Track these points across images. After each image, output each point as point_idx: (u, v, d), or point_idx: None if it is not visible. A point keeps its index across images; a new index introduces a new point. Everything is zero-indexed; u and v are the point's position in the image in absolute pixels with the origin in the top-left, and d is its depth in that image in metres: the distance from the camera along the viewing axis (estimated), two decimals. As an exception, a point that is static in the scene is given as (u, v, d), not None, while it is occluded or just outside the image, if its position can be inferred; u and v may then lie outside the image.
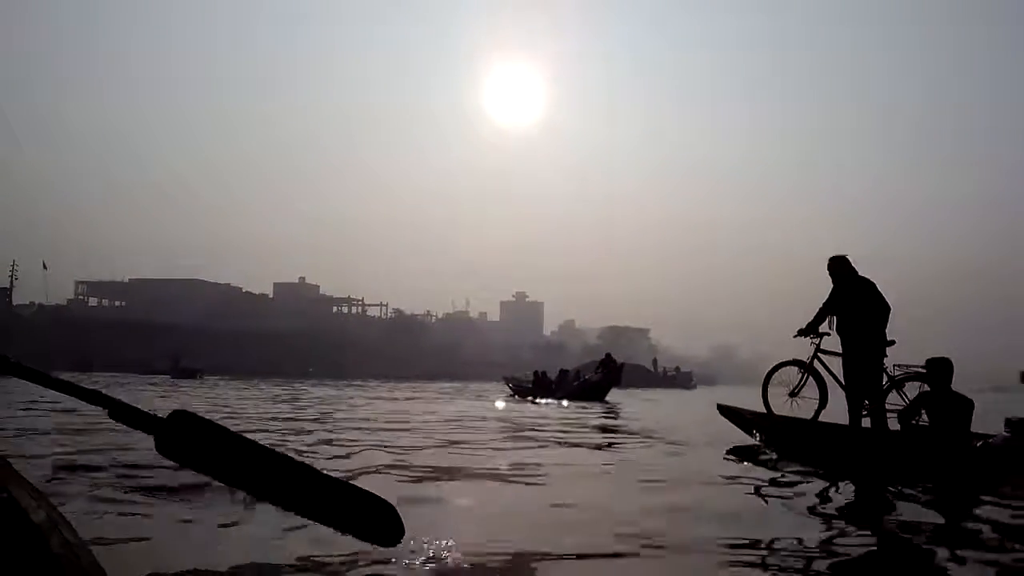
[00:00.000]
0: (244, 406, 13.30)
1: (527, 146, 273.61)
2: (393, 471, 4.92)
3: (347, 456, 5.76)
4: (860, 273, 6.82)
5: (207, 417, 1.55)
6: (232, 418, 9.69)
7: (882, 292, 6.68)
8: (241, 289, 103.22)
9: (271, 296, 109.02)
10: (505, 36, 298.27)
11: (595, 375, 22.90)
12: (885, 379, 6.75)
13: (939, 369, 5.85)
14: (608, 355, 23.32)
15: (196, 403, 13.95)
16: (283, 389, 23.01)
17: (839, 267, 6.89)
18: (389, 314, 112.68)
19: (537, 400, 20.41)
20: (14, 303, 69.30)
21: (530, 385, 24.51)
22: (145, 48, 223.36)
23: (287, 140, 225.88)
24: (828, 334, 7.05)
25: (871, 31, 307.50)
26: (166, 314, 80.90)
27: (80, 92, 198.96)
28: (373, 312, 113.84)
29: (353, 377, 51.02)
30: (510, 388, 25.78)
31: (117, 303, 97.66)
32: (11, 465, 1.27)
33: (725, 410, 7.77)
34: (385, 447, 6.38)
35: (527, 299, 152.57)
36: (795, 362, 7.43)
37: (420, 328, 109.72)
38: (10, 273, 68.65)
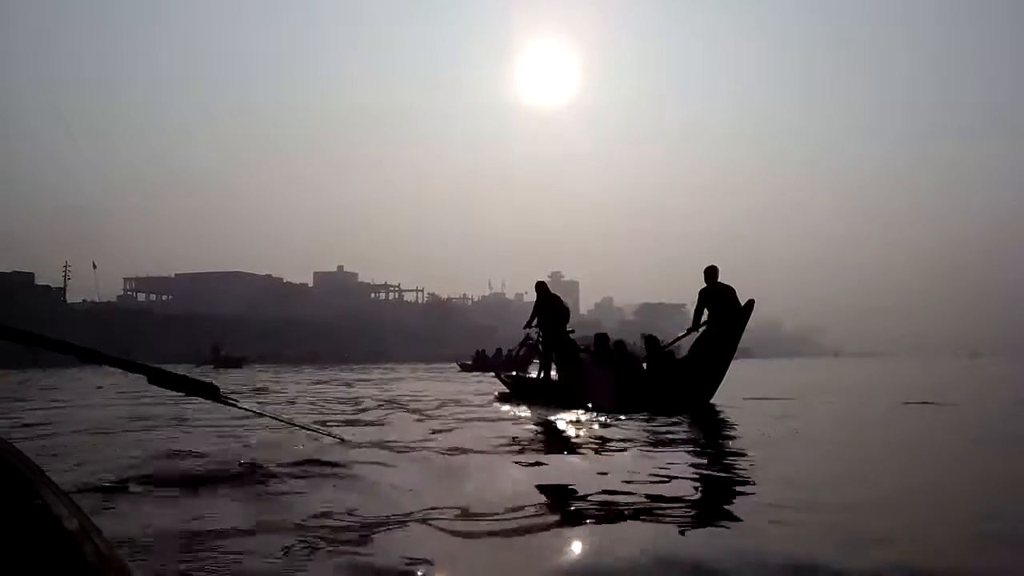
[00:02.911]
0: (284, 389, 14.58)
1: (559, 126, 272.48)
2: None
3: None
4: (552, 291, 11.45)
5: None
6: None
7: (565, 303, 11.39)
8: (282, 280, 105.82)
9: (311, 285, 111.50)
10: (536, 16, 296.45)
11: (519, 352, 25.98)
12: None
13: (596, 341, 10.18)
14: (527, 335, 26.26)
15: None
16: (290, 375, 24.33)
17: (540, 288, 11.49)
18: (425, 299, 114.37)
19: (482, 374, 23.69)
20: (68, 301, 72.56)
21: (471, 363, 29.34)
22: (174, 48, 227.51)
23: (321, 132, 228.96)
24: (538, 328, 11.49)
25: (894, 30, 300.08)
26: (210, 306, 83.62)
27: (105, 94, 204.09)
28: (410, 297, 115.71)
29: (389, 361, 52.61)
30: (459, 365, 31.12)
31: (164, 297, 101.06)
32: (44, 472, 1.30)
33: (496, 375, 12.96)
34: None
35: (563, 278, 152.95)
36: (524, 345, 12.08)
37: (456, 311, 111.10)
38: (63, 273, 71.97)
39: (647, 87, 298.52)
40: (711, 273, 9.02)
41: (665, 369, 9.08)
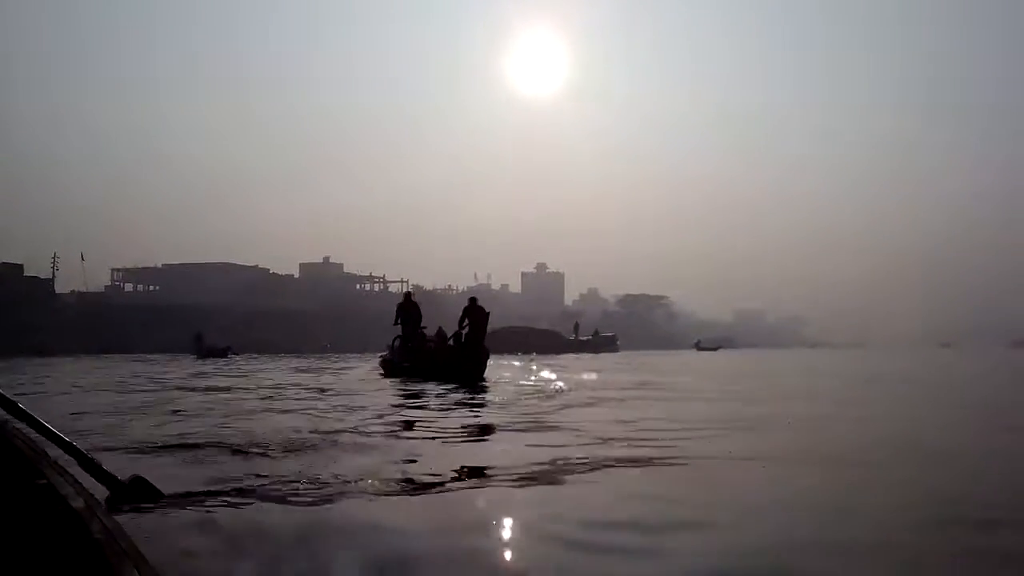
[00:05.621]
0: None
1: (547, 116, 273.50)
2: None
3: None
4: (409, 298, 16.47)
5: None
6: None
7: (419, 308, 16.15)
8: (269, 270, 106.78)
9: (297, 276, 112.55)
10: (527, 2, 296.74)
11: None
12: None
13: (437, 334, 15.85)
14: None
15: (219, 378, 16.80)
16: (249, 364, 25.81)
17: (405, 296, 16.33)
18: (409, 289, 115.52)
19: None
20: (56, 292, 73.61)
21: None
22: (168, 47, 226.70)
23: (309, 124, 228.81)
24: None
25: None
26: (197, 296, 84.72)
27: (103, 90, 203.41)
28: (394, 288, 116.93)
29: (369, 351, 54.10)
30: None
31: (151, 288, 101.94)
32: (48, 454, 1.34)
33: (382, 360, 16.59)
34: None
35: (547, 270, 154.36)
36: (399, 337, 15.63)
37: (439, 302, 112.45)
38: (51, 264, 73.12)
39: (636, 76, 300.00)
40: (473, 300, 14.79)
41: (448, 355, 14.36)
